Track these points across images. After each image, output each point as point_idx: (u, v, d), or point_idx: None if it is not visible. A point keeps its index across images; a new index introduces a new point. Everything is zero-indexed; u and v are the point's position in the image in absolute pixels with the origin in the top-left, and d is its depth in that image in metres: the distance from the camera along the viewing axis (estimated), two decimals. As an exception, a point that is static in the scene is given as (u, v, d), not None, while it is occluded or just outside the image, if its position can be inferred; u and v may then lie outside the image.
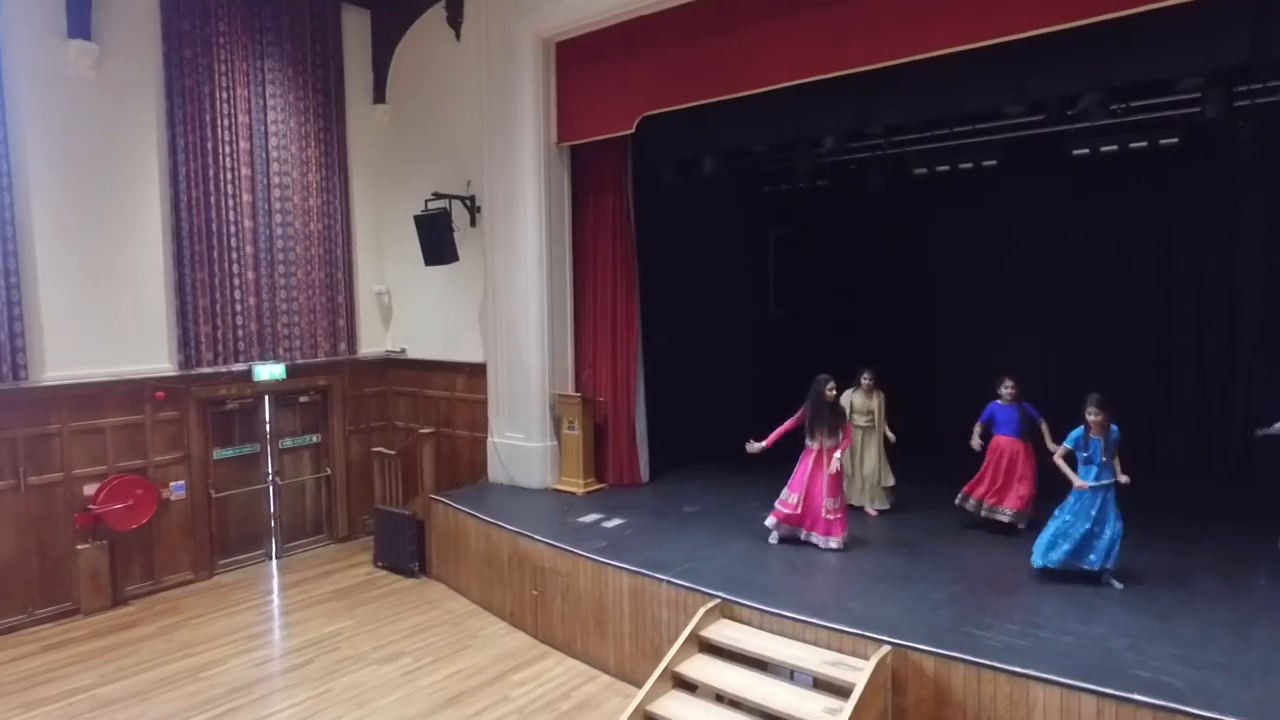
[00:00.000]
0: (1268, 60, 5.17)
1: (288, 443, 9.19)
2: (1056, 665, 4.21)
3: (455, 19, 8.83)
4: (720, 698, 4.75)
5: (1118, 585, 5.22)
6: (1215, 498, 7.41)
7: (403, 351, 9.87)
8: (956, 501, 6.67)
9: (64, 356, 7.30)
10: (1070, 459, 5.38)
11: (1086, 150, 7.86)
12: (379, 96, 9.76)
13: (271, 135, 8.73)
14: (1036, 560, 5.39)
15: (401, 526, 8.37)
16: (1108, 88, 5.86)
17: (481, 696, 5.81)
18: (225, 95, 8.32)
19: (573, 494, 8.15)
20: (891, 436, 7.34)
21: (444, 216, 8.52)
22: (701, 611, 5.17)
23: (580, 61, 8.11)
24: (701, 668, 4.93)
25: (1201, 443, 8.25)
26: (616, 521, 7.18)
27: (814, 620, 4.89)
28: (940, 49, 5.86)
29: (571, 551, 6.41)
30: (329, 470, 9.52)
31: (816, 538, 6.22)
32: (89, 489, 7.45)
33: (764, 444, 6.38)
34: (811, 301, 10.80)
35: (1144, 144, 7.62)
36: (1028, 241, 9.10)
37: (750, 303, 10.70)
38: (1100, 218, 8.62)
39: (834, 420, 6.33)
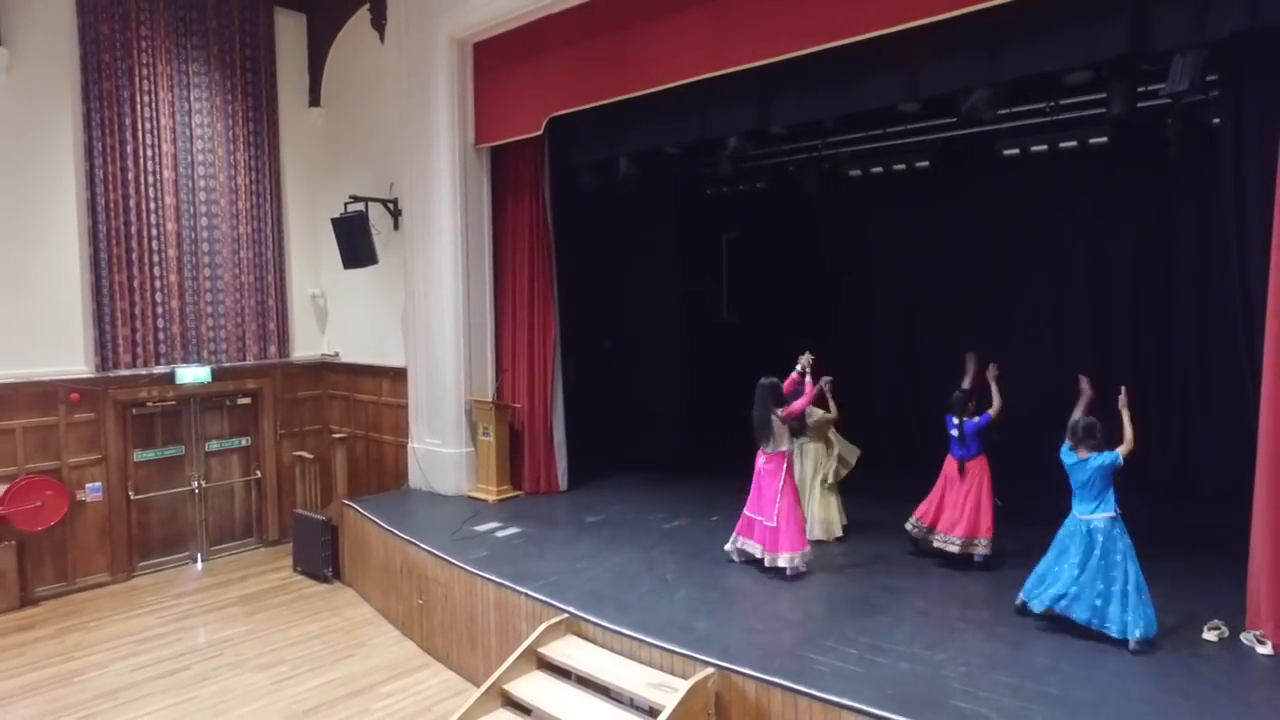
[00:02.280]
0: (1145, 52, 4.86)
1: (214, 445, 9.19)
2: (876, 693, 3.97)
3: (379, 21, 8.79)
4: (526, 710, 4.57)
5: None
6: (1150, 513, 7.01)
7: (336, 355, 9.84)
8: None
9: (-29, 358, 7.36)
10: None
11: (1017, 150, 7.57)
12: (314, 100, 9.75)
13: (197, 139, 8.75)
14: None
15: (316, 531, 8.31)
16: (998, 82, 5.58)
17: (341, 708, 5.70)
18: (147, 99, 8.36)
19: (485, 501, 8.02)
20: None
21: (360, 219, 8.46)
22: (543, 627, 5.00)
23: (496, 63, 8.01)
24: (532, 686, 4.75)
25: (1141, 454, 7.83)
26: (511, 530, 7.03)
27: (648, 639, 4.68)
28: (819, 44, 5.69)
29: (449, 561, 6.28)
30: (259, 473, 9.51)
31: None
32: (-3, 490, 7.50)
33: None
34: (754, 306, 10.55)
35: (1074, 143, 7.33)
36: (961, 243, 8.79)
37: (691, 306, 10.47)
38: (1035, 217, 8.29)
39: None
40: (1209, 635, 4.59)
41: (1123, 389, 4.67)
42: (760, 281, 10.42)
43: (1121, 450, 4.54)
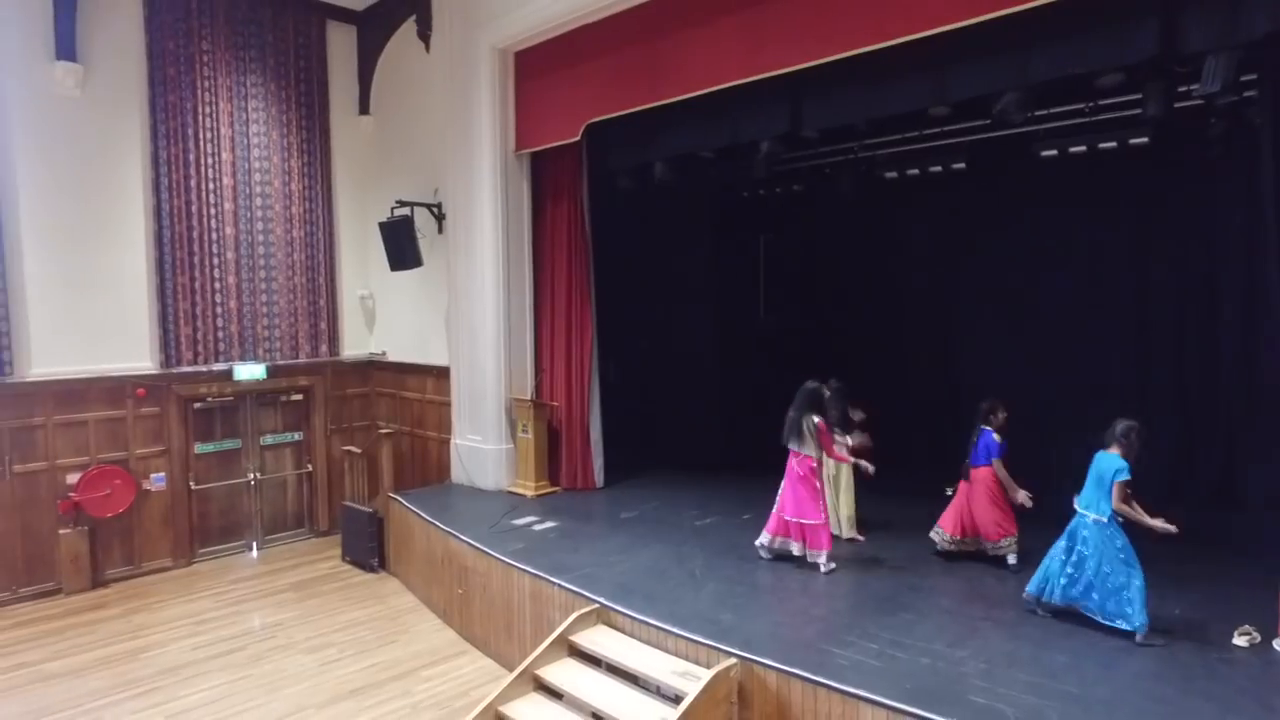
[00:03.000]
0: (1176, 55, 4.85)
1: (269, 440, 9.64)
2: (895, 687, 4.07)
3: (425, 32, 9.10)
4: (558, 695, 4.77)
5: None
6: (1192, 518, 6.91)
7: (384, 354, 10.22)
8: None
9: (49, 355, 7.88)
10: None
11: (1055, 152, 7.51)
12: (364, 108, 10.14)
13: (254, 147, 9.20)
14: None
15: (363, 523, 8.67)
16: (1026, 85, 5.60)
17: (385, 690, 5.99)
18: (208, 110, 8.82)
19: (524, 496, 8.27)
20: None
21: (406, 223, 8.79)
22: (574, 616, 5.20)
23: (536, 71, 8.26)
24: (563, 672, 4.96)
25: (1182, 459, 7.71)
26: (548, 524, 7.26)
27: (674, 630, 4.85)
28: (848, 50, 5.77)
29: (487, 552, 6.53)
30: (310, 467, 9.93)
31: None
32: (71, 478, 8.01)
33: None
34: (790, 307, 10.61)
35: (1113, 144, 7.25)
36: (998, 243, 8.72)
37: (726, 308, 10.58)
38: (1074, 219, 8.19)
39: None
40: (1239, 640, 4.57)
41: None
42: (796, 283, 10.48)
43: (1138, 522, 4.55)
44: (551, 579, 5.80)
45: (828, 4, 5.87)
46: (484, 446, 8.67)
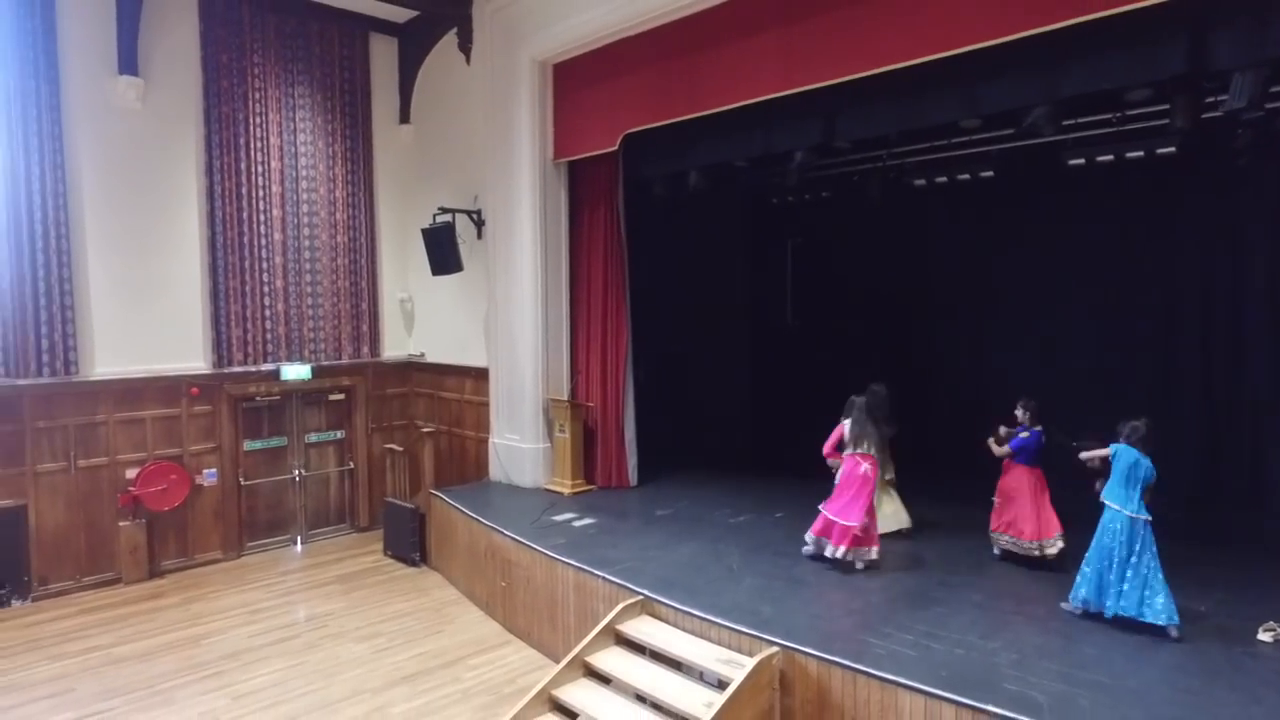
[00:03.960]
0: (1203, 71, 5.03)
1: (313, 438, 9.99)
2: (931, 675, 4.29)
3: (465, 44, 9.41)
4: (606, 679, 5.03)
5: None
6: (1218, 525, 7.06)
7: (422, 355, 10.55)
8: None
9: (110, 355, 8.27)
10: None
11: (1082, 160, 7.66)
12: (404, 117, 10.48)
13: (301, 155, 9.56)
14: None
15: (405, 518, 8.99)
16: (1056, 100, 5.79)
17: (436, 676, 6.28)
18: (259, 120, 9.18)
19: (561, 493, 8.55)
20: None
21: (448, 229, 9.11)
22: (620, 607, 5.46)
23: (574, 82, 8.53)
24: (612, 659, 5.22)
25: (1210, 461, 7.84)
26: (586, 521, 7.53)
27: (718, 620, 5.10)
28: (885, 65, 5.97)
29: (531, 547, 6.81)
30: (352, 464, 10.28)
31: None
32: (130, 473, 8.39)
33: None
34: (817, 311, 10.82)
35: (1140, 153, 7.39)
36: (1025, 250, 8.89)
37: (754, 312, 10.83)
38: (1101, 226, 8.35)
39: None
40: (1264, 636, 4.75)
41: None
42: (824, 287, 10.68)
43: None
44: (596, 572, 6.07)
45: (863, 23, 6.08)
46: (522, 445, 8.96)
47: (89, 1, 8.01)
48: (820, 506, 6.24)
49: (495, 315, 9.20)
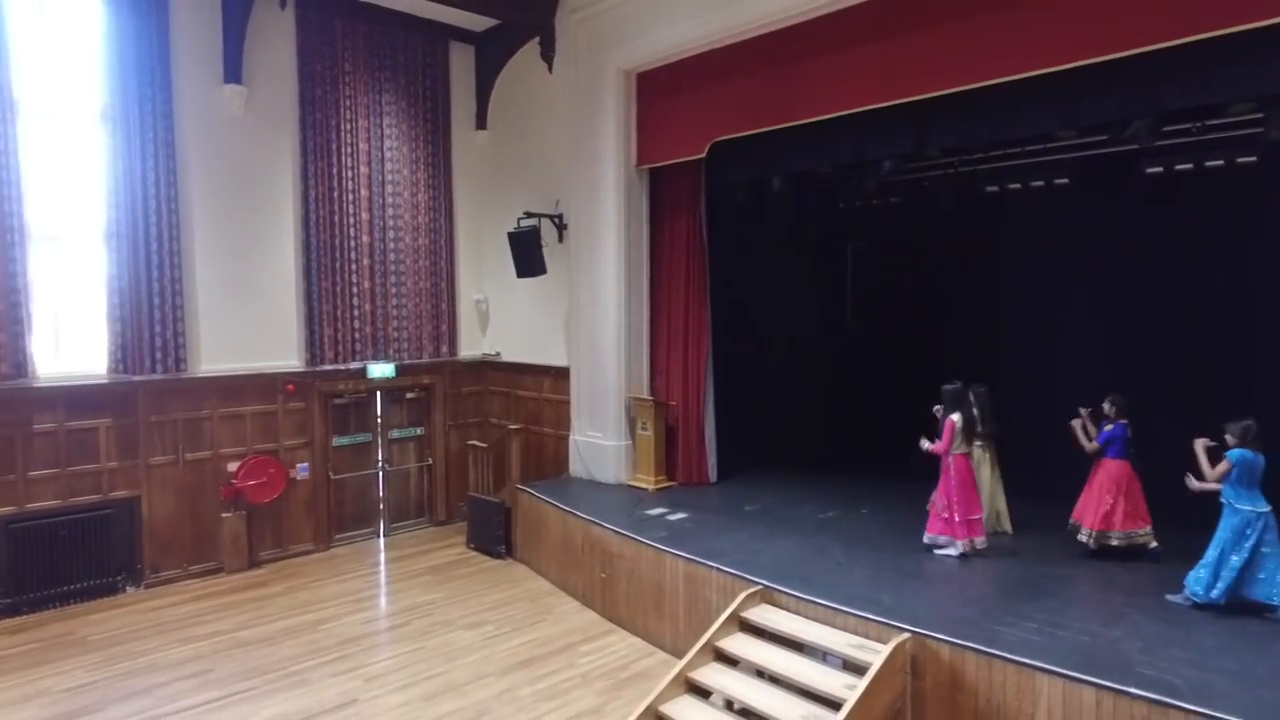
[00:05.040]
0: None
1: (395, 434, 10.31)
2: (1065, 660, 4.54)
3: (548, 54, 9.70)
4: (760, 673, 5.29)
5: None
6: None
7: (497, 355, 10.85)
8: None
9: (214, 352, 8.62)
10: None
11: (1160, 169, 7.84)
12: (480, 123, 10.79)
13: (387, 160, 9.87)
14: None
15: (491, 512, 9.29)
16: (1158, 113, 6.02)
17: (551, 662, 6.57)
18: (349, 126, 9.50)
19: (644, 489, 8.82)
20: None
21: (534, 233, 9.40)
22: (743, 595, 5.73)
23: (658, 91, 8.81)
24: (739, 644, 5.49)
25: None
26: (680, 515, 7.80)
27: (844, 608, 5.36)
28: (987, 80, 6.20)
29: (635, 539, 7.09)
30: (430, 460, 10.59)
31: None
32: (232, 466, 8.72)
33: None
34: (885, 315, 11.04)
35: (1220, 162, 7.58)
36: (1101, 259, 9.05)
37: (822, 315, 11.08)
38: (1176, 236, 8.51)
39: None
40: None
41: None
42: (892, 290, 10.90)
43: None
44: (710, 563, 6.34)
45: (963, 38, 6.31)
46: (604, 442, 9.24)
47: (199, 13, 8.35)
48: (931, 507, 6.52)
49: (577, 317, 9.48)
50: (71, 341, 7.97)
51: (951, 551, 6.36)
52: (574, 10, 9.23)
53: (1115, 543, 6.30)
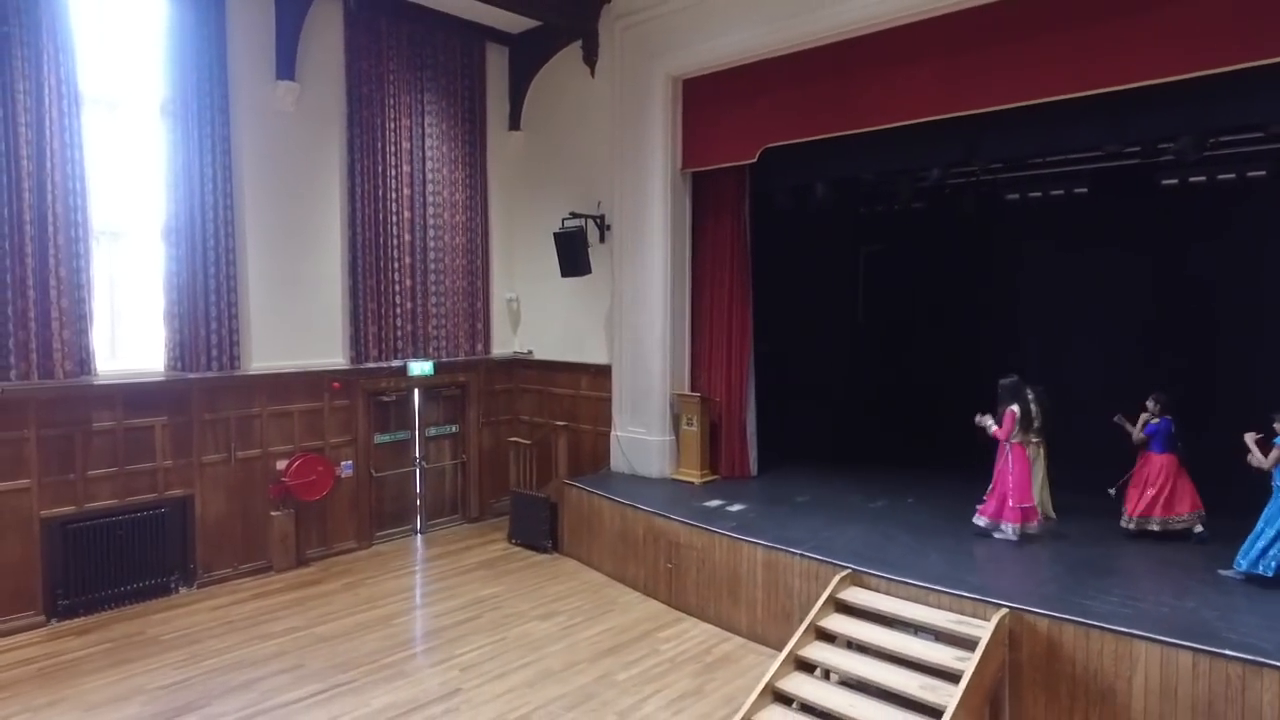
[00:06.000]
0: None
1: (432, 431, 10.36)
2: (1155, 628, 4.98)
3: (591, 58, 9.89)
4: (861, 648, 5.62)
5: None
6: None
7: (530, 353, 10.97)
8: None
9: (264, 350, 8.57)
10: None
11: (1175, 181, 8.44)
12: (514, 124, 10.90)
13: (428, 159, 9.93)
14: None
15: (536, 508, 9.43)
16: (1204, 131, 6.56)
17: (635, 649, 6.79)
18: (393, 124, 9.54)
19: (690, 483, 9.09)
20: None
21: (580, 234, 9.58)
22: (837, 578, 6.05)
23: (705, 97, 9.08)
24: (840, 624, 5.81)
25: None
26: (739, 507, 8.09)
27: (937, 587, 5.73)
28: (1045, 97, 6.65)
29: (707, 529, 7.35)
30: (465, 457, 10.66)
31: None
32: (281, 464, 8.68)
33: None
34: (899, 316, 11.54)
35: (1232, 175, 8.21)
36: (1116, 267, 9.64)
37: (839, 315, 11.53)
38: (1190, 245, 9.13)
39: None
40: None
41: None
42: (906, 294, 11.39)
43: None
44: (790, 549, 6.65)
45: (1025, 56, 6.75)
46: (648, 438, 9.47)
47: (254, 10, 8.30)
48: (987, 497, 6.96)
49: (619, 315, 9.69)
50: (129, 339, 7.86)
51: (1010, 535, 6.80)
52: (620, 16, 9.45)
53: (1154, 528, 6.83)
